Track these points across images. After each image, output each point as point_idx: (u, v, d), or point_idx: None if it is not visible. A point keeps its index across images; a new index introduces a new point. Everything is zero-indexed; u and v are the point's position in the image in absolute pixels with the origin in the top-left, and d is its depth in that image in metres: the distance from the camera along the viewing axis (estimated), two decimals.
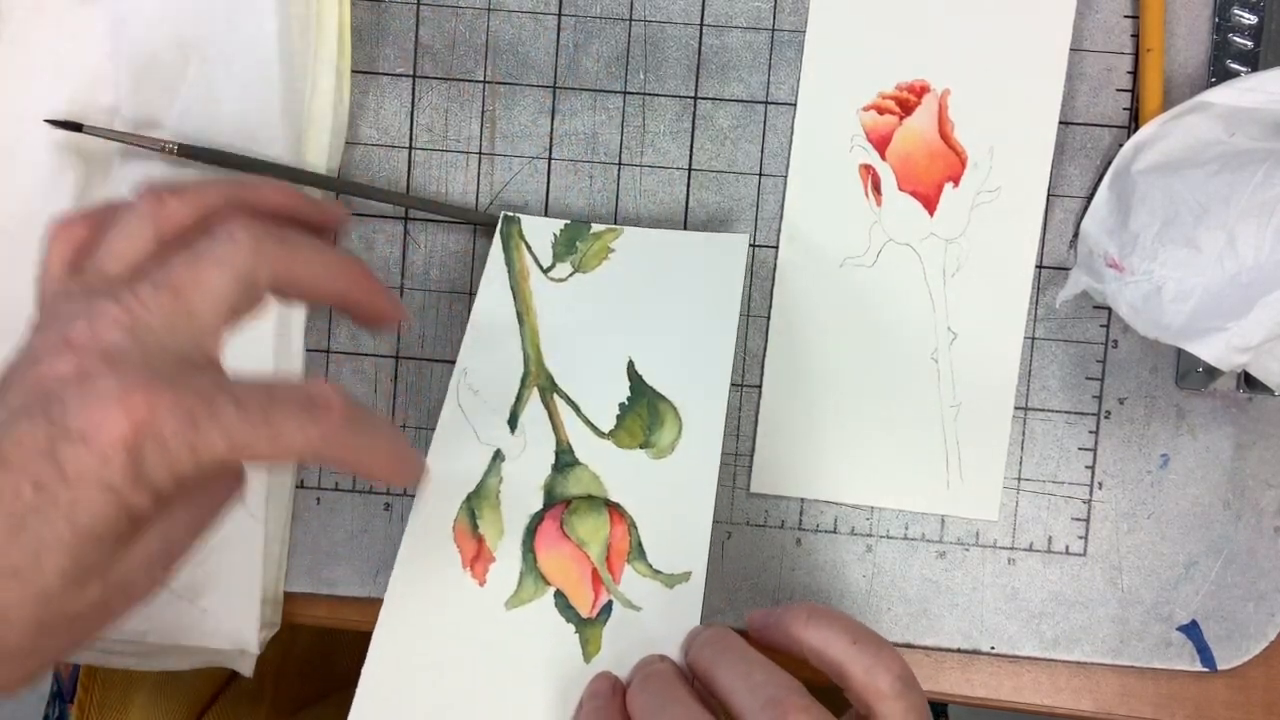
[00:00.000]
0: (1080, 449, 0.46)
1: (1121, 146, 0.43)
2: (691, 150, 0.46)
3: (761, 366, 0.46)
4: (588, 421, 0.42)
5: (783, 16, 0.46)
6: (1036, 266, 0.45)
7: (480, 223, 0.46)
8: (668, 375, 0.43)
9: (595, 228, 0.46)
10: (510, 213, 0.46)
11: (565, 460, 0.42)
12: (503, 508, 0.41)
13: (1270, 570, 0.45)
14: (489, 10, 0.46)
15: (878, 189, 0.46)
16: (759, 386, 0.46)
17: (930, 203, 0.45)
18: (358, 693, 0.37)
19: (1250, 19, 0.44)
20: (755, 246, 0.46)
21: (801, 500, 0.46)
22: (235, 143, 0.44)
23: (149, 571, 0.30)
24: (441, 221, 0.47)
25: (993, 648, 0.45)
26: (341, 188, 0.46)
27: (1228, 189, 0.39)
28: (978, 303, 0.45)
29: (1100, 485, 0.45)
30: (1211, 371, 0.44)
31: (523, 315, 0.44)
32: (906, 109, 0.45)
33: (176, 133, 0.44)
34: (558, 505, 0.41)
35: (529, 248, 0.45)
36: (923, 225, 0.45)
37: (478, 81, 0.47)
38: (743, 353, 0.46)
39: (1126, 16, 0.45)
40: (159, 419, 0.28)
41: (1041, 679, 0.46)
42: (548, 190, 0.47)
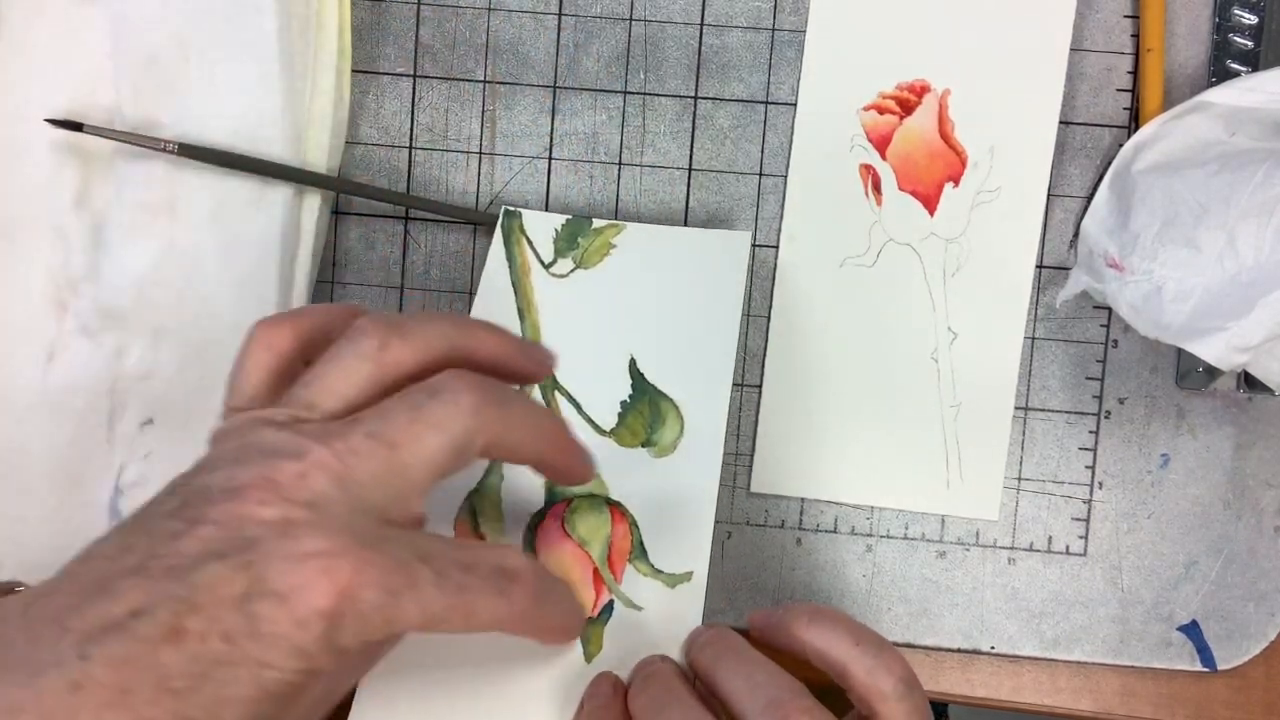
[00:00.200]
0: (1080, 449, 0.46)
1: (1121, 146, 0.43)
2: (691, 150, 0.46)
3: (761, 366, 0.46)
4: (589, 419, 0.42)
5: (783, 16, 0.46)
6: (1036, 266, 0.45)
7: (480, 222, 0.46)
8: (669, 373, 0.43)
9: (597, 223, 0.46)
10: (511, 207, 0.46)
11: None
12: (504, 506, 0.41)
13: (1270, 570, 0.45)
14: (489, 10, 0.46)
15: (878, 189, 0.46)
16: (759, 386, 0.46)
17: (930, 203, 0.45)
18: (358, 694, 0.37)
19: (1250, 19, 0.44)
20: (755, 246, 0.46)
21: (801, 500, 0.46)
22: (235, 143, 0.44)
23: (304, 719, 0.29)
24: (441, 221, 0.47)
25: (993, 648, 0.45)
26: (341, 187, 0.46)
27: (1228, 189, 0.39)
28: (978, 303, 0.45)
29: (1100, 485, 0.45)
30: (1211, 371, 0.44)
31: (524, 311, 0.44)
32: (906, 109, 0.45)
33: (176, 133, 0.44)
34: (559, 504, 0.41)
35: (530, 243, 0.45)
36: (923, 225, 0.45)
37: (478, 81, 0.47)
38: (743, 353, 0.46)
39: (1126, 16, 0.45)
40: (361, 591, 0.27)
41: (1041, 679, 0.46)
42: (548, 190, 0.47)
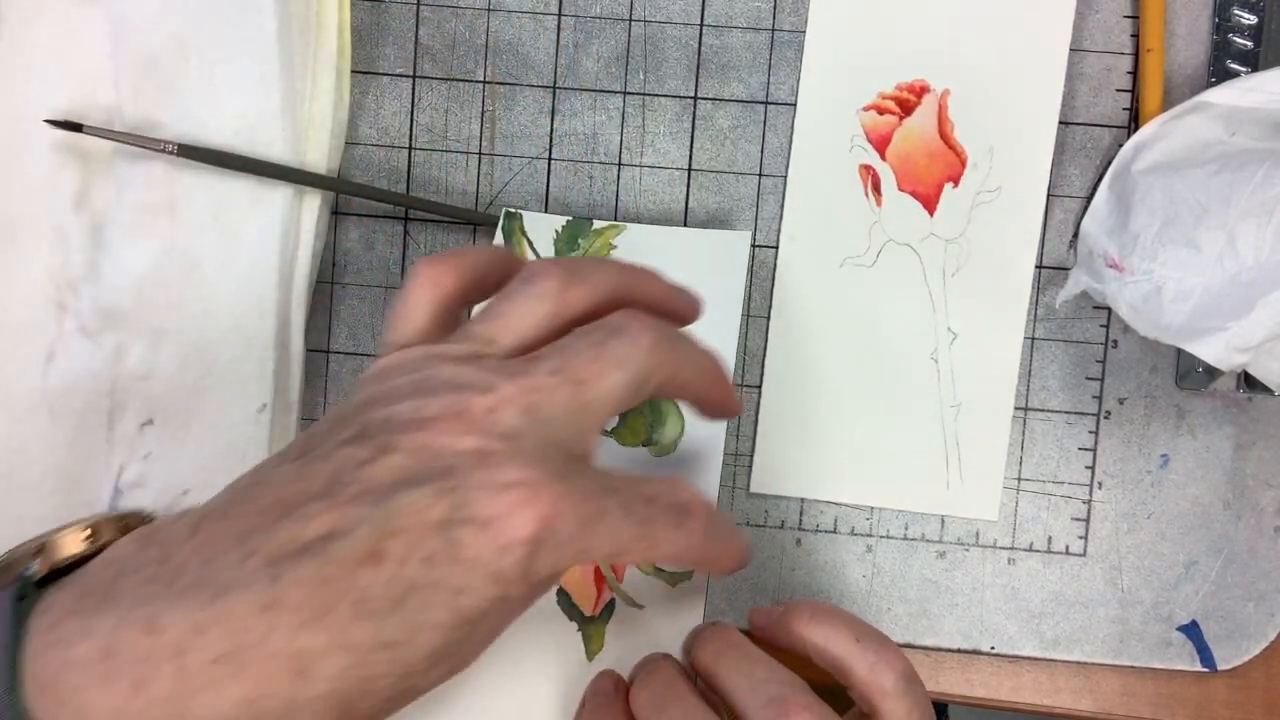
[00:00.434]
0: (1080, 449, 0.46)
1: (1121, 146, 0.43)
2: (691, 150, 0.46)
3: (761, 366, 0.46)
4: None
5: (783, 16, 0.46)
6: (1036, 266, 0.45)
7: (480, 223, 0.46)
8: None
9: (597, 224, 0.46)
10: (512, 209, 0.46)
11: None
12: None
13: (1270, 570, 0.45)
14: (489, 10, 0.46)
15: (878, 189, 0.46)
16: (759, 386, 0.46)
17: (930, 203, 0.45)
18: None
19: (1250, 19, 0.44)
20: (755, 246, 0.46)
21: (801, 500, 0.46)
22: (235, 143, 0.44)
23: (476, 652, 0.29)
24: (441, 221, 0.47)
25: (993, 648, 0.45)
26: (341, 188, 0.46)
27: (1228, 189, 0.39)
28: (978, 303, 0.45)
29: (1100, 485, 0.45)
30: (1211, 371, 0.44)
31: None
32: (906, 109, 0.45)
33: (176, 133, 0.44)
34: None
35: (531, 244, 0.45)
36: (923, 225, 0.45)
37: (478, 81, 0.47)
38: (743, 353, 0.46)
39: (1126, 16, 0.45)
40: (559, 522, 0.27)
41: (1041, 679, 0.46)
42: (547, 190, 0.47)
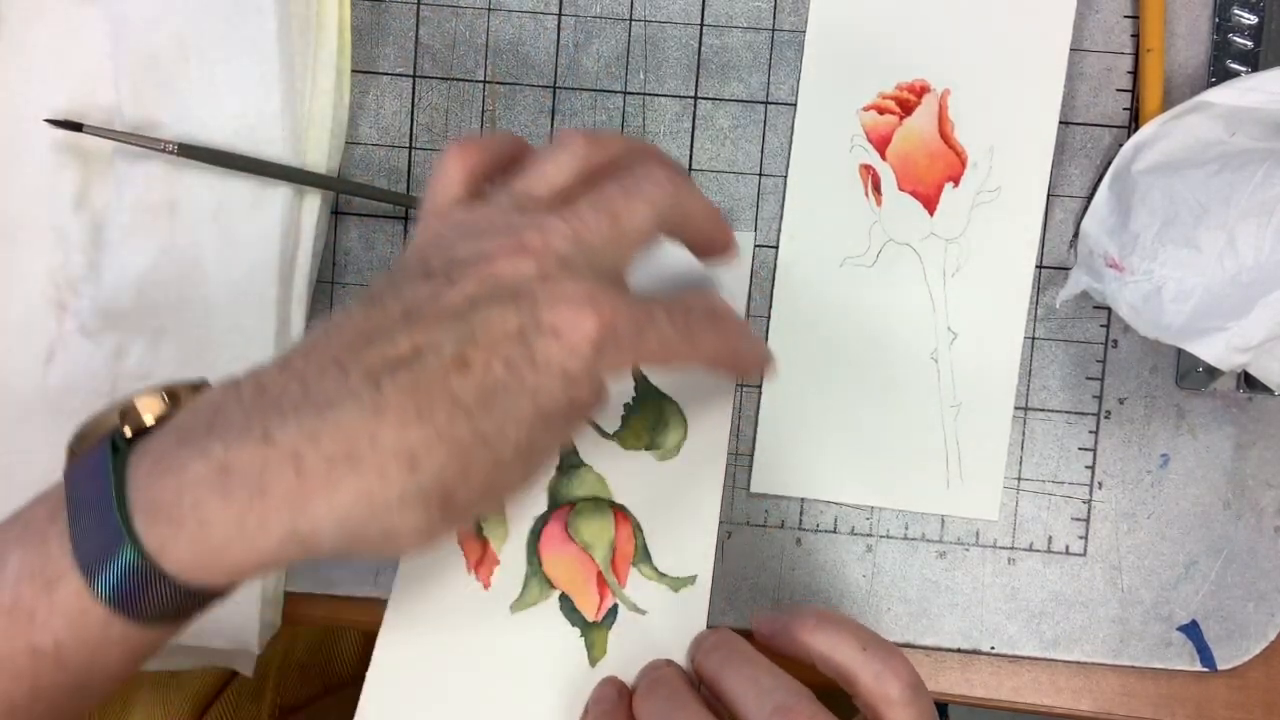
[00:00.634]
0: (1080, 449, 0.46)
1: (1121, 146, 0.43)
2: (691, 150, 0.46)
3: None
4: (593, 422, 0.42)
5: (783, 16, 0.46)
6: (1036, 266, 0.45)
7: None
8: (673, 376, 0.43)
9: None
10: None
11: (570, 462, 0.42)
12: (507, 510, 0.41)
13: (1270, 570, 0.45)
14: (489, 10, 0.46)
15: (878, 189, 0.46)
16: (759, 386, 0.46)
17: (930, 203, 0.45)
18: (362, 696, 0.37)
19: (1250, 19, 0.44)
20: (756, 246, 0.46)
21: (801, 500, 0.46)
22: (235, 143, 0.44)
23: (548, 454, 0.33)
24: None
25: (993, 648, 0.46)
26: (341, 188, 0.45)
27: (1228, 189, 0.39)
28: (978, 303, 0.45)
29: (1100, 485, 0.46)
30: (1211, 371, 0.45)
31: None
32: (906, 109, 0.45)
33: (176, 133, 0.44)
34: (562, 507, 0.41)
35: None
36: (923, 225, 0.45)
37: (478, 81, 0.47)
38: None
39: (1126, 16, 0.45)
40: (618, 322, 0.31)
41: (1041, 679, 0.46)
42: None
